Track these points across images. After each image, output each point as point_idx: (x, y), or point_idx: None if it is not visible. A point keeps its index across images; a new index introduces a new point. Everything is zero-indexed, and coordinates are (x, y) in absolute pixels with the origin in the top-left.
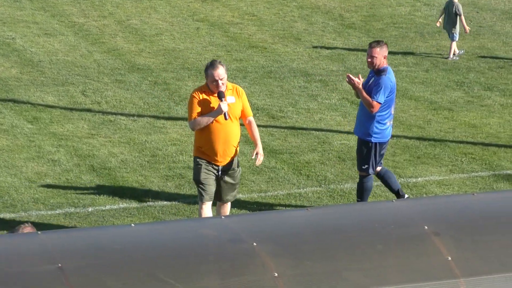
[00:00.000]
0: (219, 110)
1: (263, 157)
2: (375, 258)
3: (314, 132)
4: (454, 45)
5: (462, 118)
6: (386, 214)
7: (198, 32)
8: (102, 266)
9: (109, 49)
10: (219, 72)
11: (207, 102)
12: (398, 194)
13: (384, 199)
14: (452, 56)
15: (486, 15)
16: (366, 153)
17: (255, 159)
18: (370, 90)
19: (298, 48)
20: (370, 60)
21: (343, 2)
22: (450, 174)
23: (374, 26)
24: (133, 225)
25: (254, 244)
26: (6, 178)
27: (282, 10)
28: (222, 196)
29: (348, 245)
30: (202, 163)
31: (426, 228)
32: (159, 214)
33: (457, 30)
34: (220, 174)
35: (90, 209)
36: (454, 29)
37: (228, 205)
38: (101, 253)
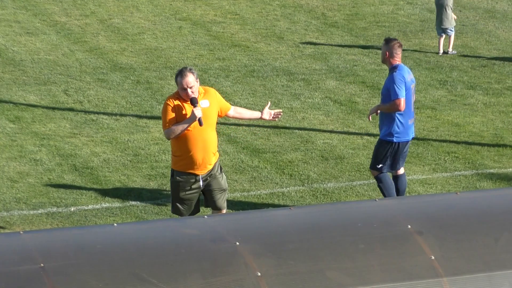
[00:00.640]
0: (193, 116)
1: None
2: (358, 258)
3: (297, 131)
4: (452, 38)
5: (445, 117)
6: (369, 213)
7: (180, 31)
8: (85, 266)
9: (91, 48)
10: (188, 80)
11: (181, 109)
12: None
13: (367, 198)
14: (451, 50)
15: (469, 14)
16: (385, 152)
17: (276, 114)
18: (383, 88)
19: (281, 47)
20: (382, 58)
21: (326, 1)
22: (433, 173)
23: (357, 25)
24: (115, 224)
25: (237, 243)
26: None
27: (265, 9)
28: (215, 204)
29: (331, 244)
30: (181, 180)
31: (409, 227)
32: (142, 213)
33: (452, 23)
34: (202, 183)
35: (73, 208)
36: (449, 23)
37: (224, 211)
38: (83, 253)
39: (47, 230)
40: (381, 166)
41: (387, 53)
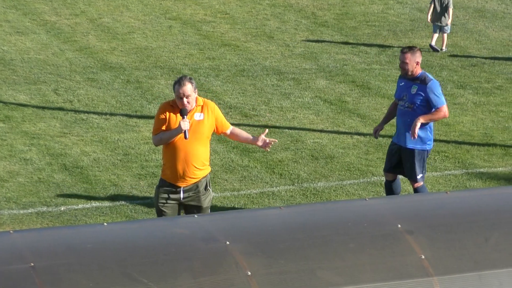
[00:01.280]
0: (179, 128)
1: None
2: (348, 257)
3: (287, 130)
4: (445, 37)
5: None
6: (359, 212)
7: (170, 30)
8: (75, 265)
9: (81, 47)
10: (185, 89)
11: (173, 118)
12: None
13: (357, 198)
14: (445, 47)
15: (459, 13)
16: (422, 161)
17: (269, 143)
18: (414, 98)
19: (271, 46)
20: (402, 66)
21: (316, 0)
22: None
23: (347, 24)
24: (105, 224)
25: (227, 243)
26: None
27: (255, 8)
28: None
29: (321, 243)
30: (162, 189)
31: (399, 226)
32: (132, 213)
33: (448, 22)
34: (182, 196)
35: (63, 208)
36: (445, 21)
37: None
38: (73, 252)
39: (37, 230)
40: (421, 175)
41: (418, 62)
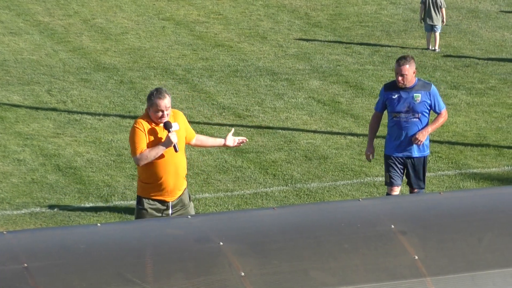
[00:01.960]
0: (168, 142)
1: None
2: (342, 257)
3: (280, 131)
4: (438, 36)
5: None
6: (352, 213)
7: (164, 31)
8: (68, 266)
9: (74, 48)
10: (166, 102)
11: (154, 133)
12: None
13: (350, 198)
14: (437, 47)
15: (452, 14)
16: (426, 167)
17: (238, 141)
18: (420, 107)
19: (264, 46)
20: (400, 78)
21: (309, 1)
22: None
23: (340, 25)
24: (99, 224)
25: (221, 243)
26: None
27: (248, 9)
28: None
29: (314, 244)
30: (150, 207)
31: (392, 227)
32: (125, 213)
33: (440, 21)
34: (171, 211)
35: (56, 208)
36: (438, 21)
37: None
38: (67, 253)
39: (31, 230)
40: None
41: (414, 71)
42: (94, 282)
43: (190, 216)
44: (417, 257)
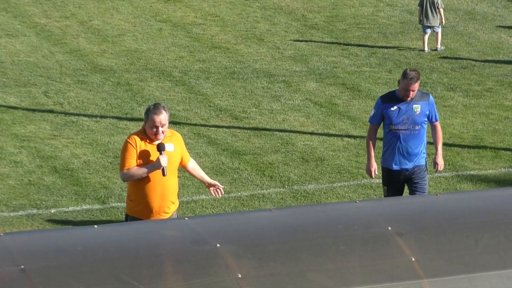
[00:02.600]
0: (158, 164)
1: (222, 189)
2: (339, 259)
3: (277, 133)
4: (439, 35)
5: None
6: (349, 215)
7: (160, 32)
8: (65, 268)
9: (71, 50)
10: (162, 117)
11: (145, 151)
12: None
13: (347, 200)
14: (440, 46)
15: (449, 15)
16: (426, 176)
17: (215, 192)
18: (420, 118)
19: (261, 48)
20: (411, 93)
21: (306, 3)
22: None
23: (337, 27)
24: (96, 226)
25: (218, 245)
26: None
27: (245, 11)
28: None
29: (311, 246)
30: None
31: (389, 228)
32: (122, 215)
33: (438, 22)
34: None
35: (53, 210)
36: (436, 21)
37: None
38: (64, 254)
39: (28, 232)
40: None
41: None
42: (91, 284)
43: (187, 217)
44: (414, 259)
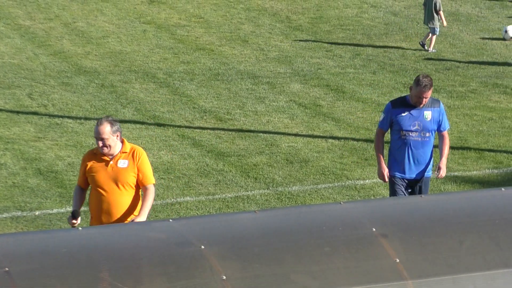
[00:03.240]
0: (69, 220)
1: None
2: (323, 261)
3: (261, 134)
4: (434, 38)
5: None
6: (333, 216)
7: (145, 34)
8: (50, 270)
9: (55, 51)
10: (101, 129)
11: (92, 167)
12: None
13: (332, 201)
14: (431, 49)
15: None
16: (428, 187)
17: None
18: (430, 125)
19: (245, 50)
20: (420, 101)
21: (290, 4)
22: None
23: (321, 28)
24: (80, 228)
25: (202, 247)
26: None
27: (229, 12)
28: None
29: (296, 247)
30: None
31: (374, 230)
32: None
33: (437, 24)
34: None
35: (37, 212)
36: (434, 23)
37: None
38: (48, 256)
39: (12, 234)
40: None
41: None
42: (75, 286)
43: (171, 219)
44: (398, 260)
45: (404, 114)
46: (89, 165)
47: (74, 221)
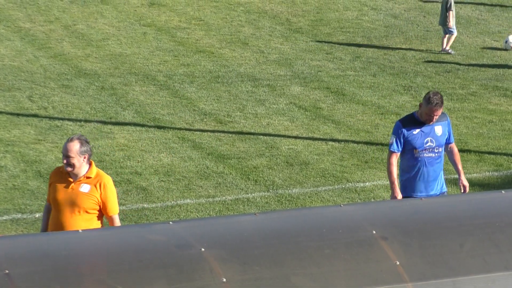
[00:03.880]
0: None
1: None
2: (323, 263)
3: (262, 137)
4: (446, 39)
5: None
6: (334, 219)
7: (145, 37)
8: (50, 272)
9: (55, 54)
10: (68, 146)
11: (55, 187)
12: None
13: (332, 204)
14: (448, 48)
15: (433, 19)
16: None
17: None
18: (442, 139)
19: (245, 52)
20: (431, 118)
21: (290, 7)
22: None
23: (321, 31)
24: (80, 231)
25: (202, 249)
26: None
27: (229, 15)
28: None
29: (296, 250)
30: None
31: (374, 232)
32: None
33: (449, 24)
34: None
35: (37, 215)
36: (448, 23)
37: None
38: (48, 259)
39: (12, 237)
40: None
41: None
42: None
43: (171, 222)
44: (398, 262)
45: (415, 133)
46: (52, 183)
47: None
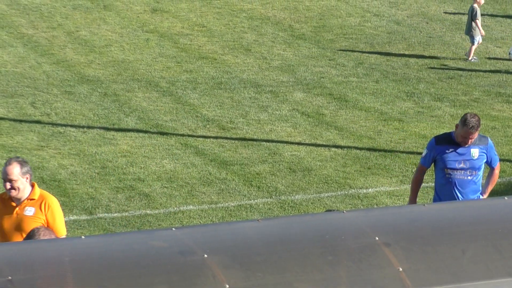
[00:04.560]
0: None
1: None
2: (326, 269)
3: (264, 143)
4: (473, 48)
5: (412, 128)
6: (337, 225)
7: (147, 43)
8: (52, 279)
9: (58, 60)
10: (9, 170)
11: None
12: None
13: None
14: (472, 57)
15: (436, 26)
16: None
17: None
18: (477, 163)
19: (248, 59)
20: (466, 141)
21: (293, 13)
22: (401, 185)
23: (324, 37)
24: (83, 237)
25: (205, 255)
26: None
27: (232, 21)
28: None
29: (299, 256)
30: None
31: (377, 239)
32: (109, 226)
33: (475, 33)
34: None
35: None
36: (472, 32)
37: None
38: (51, 265)
39: (14, 243)
40: None
41: None
42: None
43: (174, 228)
44: (401, 269)
45: (449, 152)
46: None
47: None
